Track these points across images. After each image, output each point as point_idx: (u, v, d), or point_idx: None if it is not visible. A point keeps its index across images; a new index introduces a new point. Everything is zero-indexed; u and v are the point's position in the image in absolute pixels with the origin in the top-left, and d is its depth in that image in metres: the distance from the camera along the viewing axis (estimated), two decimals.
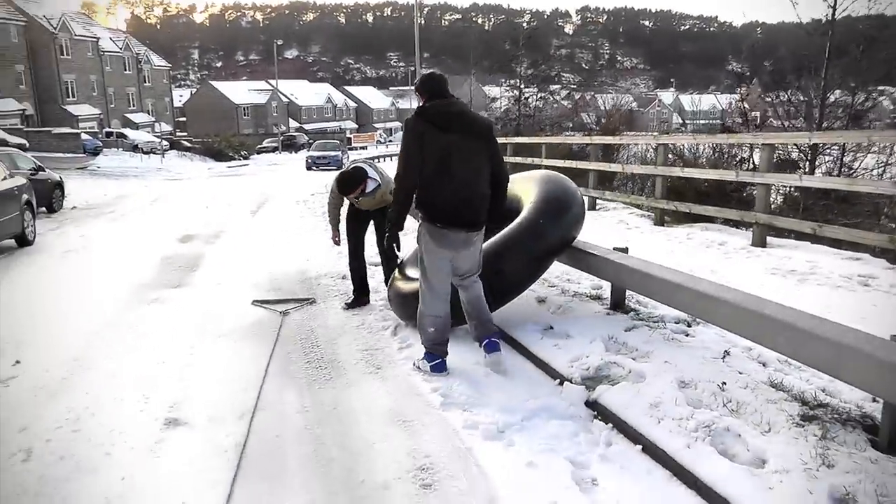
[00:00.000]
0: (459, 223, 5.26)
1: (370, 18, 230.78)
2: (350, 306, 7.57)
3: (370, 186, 7.14)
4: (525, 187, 6.51)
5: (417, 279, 6.22)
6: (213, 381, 5.57)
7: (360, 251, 7.76)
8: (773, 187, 10.66)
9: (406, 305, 6.44)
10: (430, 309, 5.46)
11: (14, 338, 6.87)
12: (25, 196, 13.05)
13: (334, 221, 7.65)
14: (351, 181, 7.13)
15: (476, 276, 5.60)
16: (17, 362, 6.14)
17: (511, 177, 6.15)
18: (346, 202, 7.57)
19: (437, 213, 5.26)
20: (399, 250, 5.73)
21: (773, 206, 10.93)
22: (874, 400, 4.16)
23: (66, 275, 10.08)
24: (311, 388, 5.35)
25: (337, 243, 7.78)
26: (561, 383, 5.07)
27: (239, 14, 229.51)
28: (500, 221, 5.76)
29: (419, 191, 5.29)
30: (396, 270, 7.02)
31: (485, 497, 3.79)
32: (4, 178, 12.66)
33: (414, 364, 5.63)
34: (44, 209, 16.67)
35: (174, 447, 4.44)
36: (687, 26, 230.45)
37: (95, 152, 45.18)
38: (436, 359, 5.45)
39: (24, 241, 12.67)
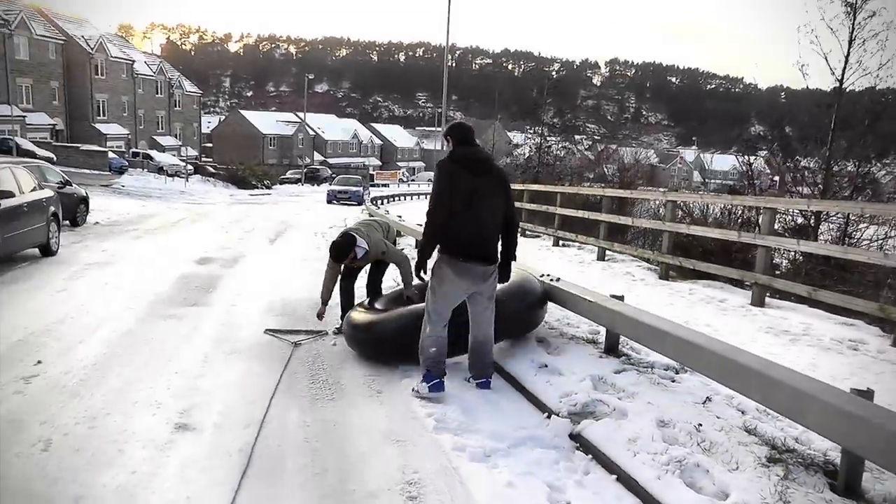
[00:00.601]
0: (479, 257, 5.85)
1: (402, 58, 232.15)
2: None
3: (359, 253, 7.60)
4: None
5: (378, 311, 7.05)
6: (222, 393, 5.91)
7: (351, 291, 8.19)
8: (778, 251, 10.96)
9: (354, 332, 7.09)
10: (433, 331, 5.91)
11: (36, 341, 7.27)
12: (52, 208, 13.52)
13: (325, 295, 7.90)
14: (341, 249, 7.58)
15: (492, 307, 6.12)
16: (39, 362, 6.53)
17: None
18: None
19: (459, 249, 5.81)
20: (423, 279, 6.27)
21: (777, 270, 11.21)
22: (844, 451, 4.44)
23: (87, 286, 10.43)
24: (314, 406, 5.69)
25: (320, 317, 7.98)
26: (549, 416, 5.39)
27: (273, 46, 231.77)
28: (512, 259, 6.25)
29: (443, 239, 5.87)
30: (363, 304, 7.57)
31: None
32: (34, 190, 13.12)
33: (413, 390, 5.96)
34: (68, 222, 17.11)
35: (183, 449, 4.78)
36: (713, 85, 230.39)
37: (121, 171, 45.98)
38: (434, 378, 5.83)
39: (47, 251, 13.12)
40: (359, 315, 7.16)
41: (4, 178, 11.96)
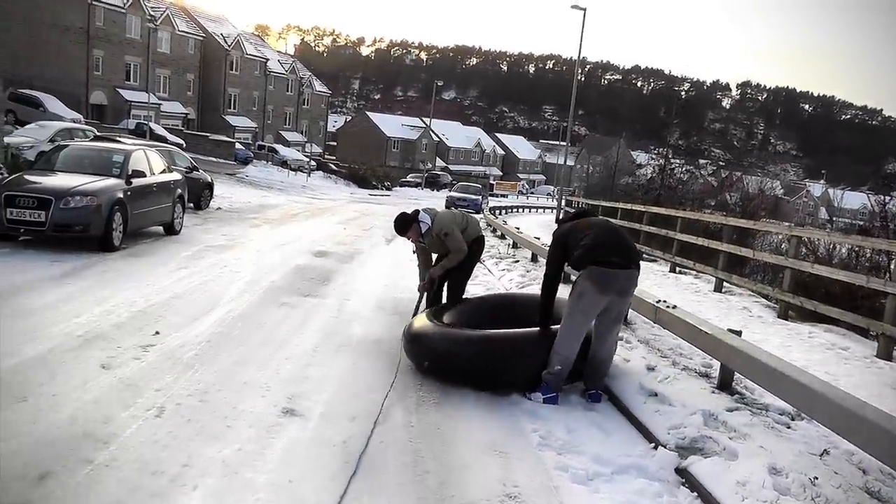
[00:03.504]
0: (623, 256, 6.01)
1: (531, 69, 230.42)
2: None
3: (423, 228, 7.79)
4: None
5: (441, 324, 6.75)
6: (330, 384, 6.05)
7: (440, 292, 8.28)
8: None
9: (404, 340, 6.81)
10: (565, 350, 6.01)
11: (155, 312, 7.69)
12: (179, 191, 14.32)
13: (422, 269, 8.29)
14: (404, 221, 7.89)
15: (619, 326, 6.33)
16: (157, 333, 6.91)
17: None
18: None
19: (601, 254, 5.95)
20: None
21: None
22: None
23: (206, 267, 10.86)
24: (420, 408, 5.75)
25: (420, 291, 8.20)
26: (655, 447, 5.27)
27: (405, 51, 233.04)
28: None
29: (580, 258, 6.01)
30: (428, 313, 7.17)
31: None
32: (163, 172, 13.87)
33: (525, 395, 6.06)
34: (192, 205, 17.88)
35: (288, 433, 4.92)
36: (848, 116, 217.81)
37: (246, 162, 47.47)
38: (551, 392, 6.00)
39: (171, 230, 13.91)
40: (417, 322, 6.93)
41: (138, 159, 12.71)
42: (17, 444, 4.29)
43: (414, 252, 8.55)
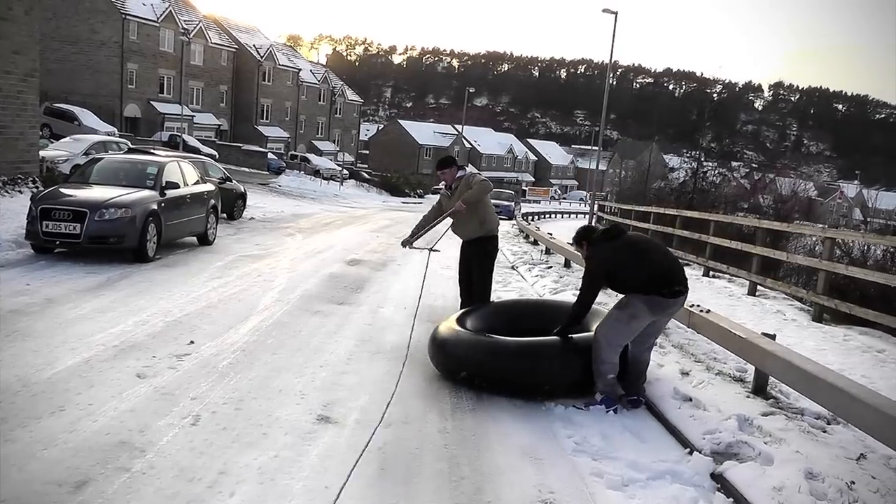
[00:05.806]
0: (683, 283, 6.05)
1: (563, 74, 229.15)
2: None
3: (459, 173, 8.27)
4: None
5: (466, 330, 6.67)
6: (365, 391, 6.10)
7: (470, 295, 8.47)
8: None
9: (439, 348, 6.62)
10: (611, 358, 6.01)
11: (190, 322, 7.81)
12: (212, 201, 14.51)
13: (419, 226, 8.66)
14: (447, 159, 8.51)
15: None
16: (192, 343, 7.02)
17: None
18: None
19: (665, 284, 5.93)
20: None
21: None
22: None
23: (240, 276, 10.99)
24: (455, 414, 5.78)
25: (403, 244, 8.69)
26: (690, 452, 5.25)
27: (436, 59, 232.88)
28: None
29: (642, 287, 5.94)
30: (453, 318, 7.09)
31: None
32: (196, 183, 14.05)
33: (579, 407, 6.03)
34: (225, 216, 18.11)
35: (324, 440, 4.98)
36: (882, 115, 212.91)
37: (278, 171, 47.92)
38: (613, 404, 5.99)
39: (205, 240, 14.10)
40: (443, 326, 6.84)
41: (172, 171, 12.91)
42: (55, 452, 4.38)
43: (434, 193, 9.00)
